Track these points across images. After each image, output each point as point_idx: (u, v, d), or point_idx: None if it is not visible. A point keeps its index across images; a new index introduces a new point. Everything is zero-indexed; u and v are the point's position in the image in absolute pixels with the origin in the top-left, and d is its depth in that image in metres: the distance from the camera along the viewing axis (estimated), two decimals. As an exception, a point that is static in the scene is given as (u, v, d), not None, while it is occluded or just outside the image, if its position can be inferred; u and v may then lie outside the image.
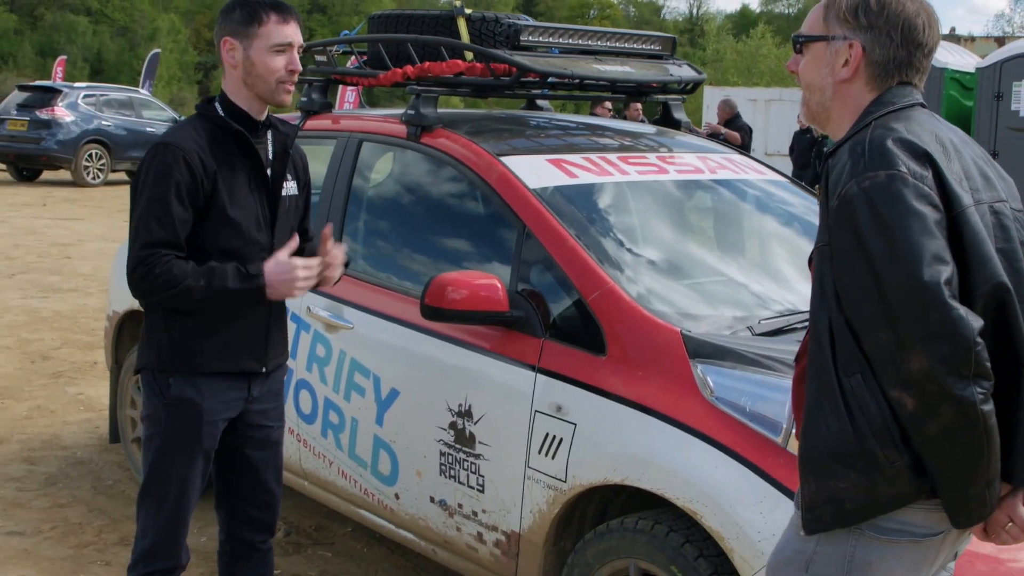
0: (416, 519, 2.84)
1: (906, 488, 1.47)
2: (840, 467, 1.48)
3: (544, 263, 2.62)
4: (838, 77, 1.60)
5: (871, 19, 1.57)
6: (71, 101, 14.94)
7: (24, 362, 5.60)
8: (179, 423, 2.27)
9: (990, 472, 1.46)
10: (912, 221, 1.41)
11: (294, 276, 2.21)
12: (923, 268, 1.39)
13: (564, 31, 3.30)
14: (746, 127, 10.55)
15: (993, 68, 8.47)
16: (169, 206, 2.15)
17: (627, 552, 2.32)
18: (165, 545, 2.31)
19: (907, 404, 1.42)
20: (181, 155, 2.18)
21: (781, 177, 3.43)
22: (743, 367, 2.26)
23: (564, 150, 3.04)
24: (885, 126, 1.51)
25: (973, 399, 1.40)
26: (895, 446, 1.45)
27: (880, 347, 1.43)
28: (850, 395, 1.47)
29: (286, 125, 2.39)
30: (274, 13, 2.22)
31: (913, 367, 1.40)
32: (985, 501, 1.48)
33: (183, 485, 2.29)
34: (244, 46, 2.23)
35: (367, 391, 2.93)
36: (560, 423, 2.44)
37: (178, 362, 2.25)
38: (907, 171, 1.44)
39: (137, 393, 3.87)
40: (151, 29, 41.34)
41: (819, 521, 1.53)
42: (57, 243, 9.89)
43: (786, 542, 1.64)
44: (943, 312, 1.39)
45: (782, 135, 14.28)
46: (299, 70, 2.27)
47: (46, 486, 3.90)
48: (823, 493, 1.50)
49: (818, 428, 1.50)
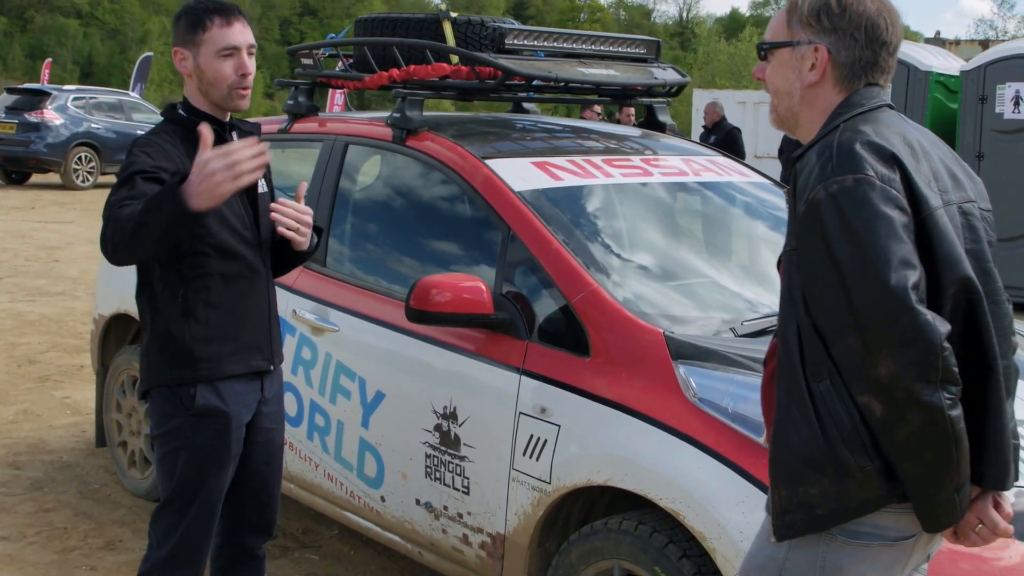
0: (402, 521, 2.84)
1: (877, 493, 1.47)
2: (811, 473, 1.47)
3: (528, 265, 2.63)
4: (805, 81, 1.60)
5: (834, 21, 1.56)
6: (60, 104, 14.89)
7: (11, 366, 5.58)
8: (207, 433, 2.22)
9: (959, 477, 1.46)
10: (879, 226, 1.41)
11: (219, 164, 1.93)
12: (890, 273, 1.39)
13: (549, 34, 3.31)
14: (734, 129, 10.58)
15: (977, 71, 8.52)
16: (143, 188, 2.06)
17: (611, 553, 2.33)
18: (186, 555, 2.27)
19: (875, 410, 1.42)
20: (155, 147, 2.16)
21: (765, 179, 3.45)
22: (725, 368, 2.28)
23: (549, 153, 3.05)
24: (853, 129, 1.51)
25: (941, 405, 1.40)
26: (865, 451, 1.44)
27: (848, 352, 1.43)
28: (819, 401, 1.46)
29: (248, 124, 2.38)
30: (217, 16, 2.17)
31: (881, 373, 1.40)
32: (955, 505, 1.48)
33: (211, 495, 2.25)
34: (193, 54, 2.19)
35: (353, 394, 2.94)
36: (544, 425, 2.44)
37: (198, 370, 2.21)
38: (875, 174, 1.44)
39: (123, 397, 3.86)
40: (142, 32, 41.25)
41: (790, 527, 1.52)
42: (45, 246, 9.85)
43: (758, 548, 1.64)
44: (910, 318, 1.38)
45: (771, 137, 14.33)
46: (250, 73, 2.20)
47: (31, 490, 3.88)
48: (793, 499, 1.50)
49: (788, 434, 1.50)
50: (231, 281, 2.24)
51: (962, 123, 8.63)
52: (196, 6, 2.21)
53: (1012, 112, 8.35)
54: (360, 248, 3.26)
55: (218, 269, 2.22)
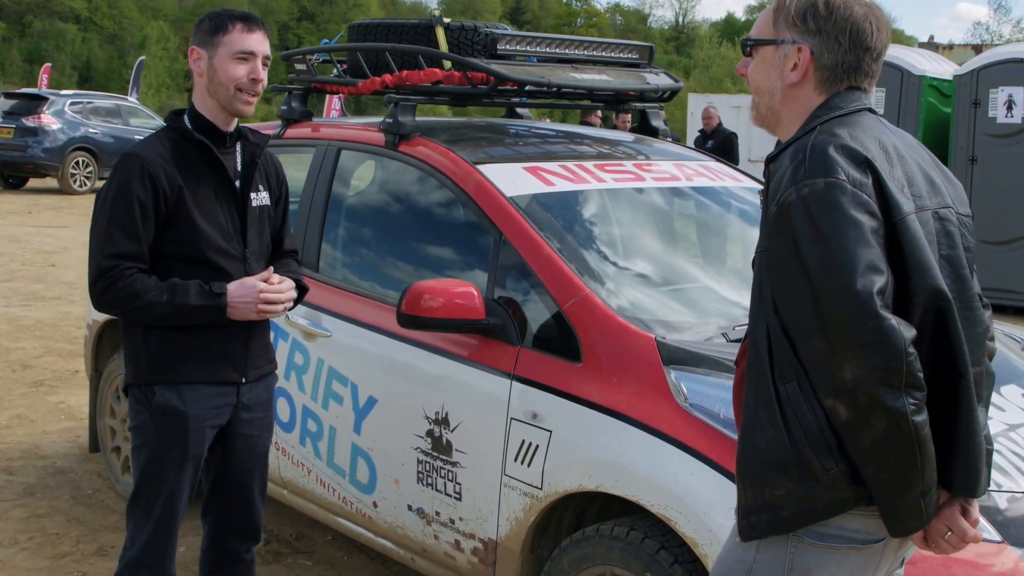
0: (394, 527, 2.84)
1: (843, 495, 1.47)
2: (776, 475, 1.47)
3: (520, 271, 2.62)
4: (787, 81, 1.60)
5: (819, 23, 1.56)
6: (58, 109, 14.90)
7: (5, 371, 5.57)
8: (166, 431, 2.26)
9: (924, 482, 1.45)
10: (848, 230, 1.41)
11: (256, 299, 2.24)
12: (856, 278, 1.39)
13: (541, 40, 3.31)
14: (731, 134, 10.59)
15: (970, 75, 8.54)
16: (133, 218, 2.17)
17: (603, 559, 2.33)
18: (151, 555, 2.30)
19: (840, 413, 1.42)
20: (145, 166, 2.19)
21: (758, 184, 3.45)
22: (717, 373, 2.27)
23: (541, 158, 3.05)
24: (829, 132, 1.51)
25: (904, 410, 1.40)
26: (831, 454, 1.45)
27: (815, 355, 1.43)
28: (786, 403, 1.47)
29: (257, 135, 2.40)
30: (240, 23, 2.26)
31: (846, 376, 1.40)
32: (920, 510, 1.48)
33: (172, 494, 2.28)
34: (209, 54, 2.26)
35: (345, 399, 2.93)
36: (536, 430, 2.44)
37: (159, 372, 2.26)
38: (846, 178, 1.44)
39: (117, 403, 3.85)
40: (140, 37, 41.25)
41: (755, 528, 1.52)
42: (41, 251, 9.84)
43: (728, 551, 1.64)
44: (875, 322, 1.38)
45: (765, 142, 14.35)
46: (262, 80, 2.27)
47: (24, 496, 3.87)
48: (759, 500, 1.50)
49: (754, 435, 1.50)
50: None
51: (955, 127, 8.65)
52: (222, 12, 2.30)
53: (1005, 116, 8.37)
54: (352, 253, 3.26)
55: (193, 277, 2.24)
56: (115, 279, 2.16)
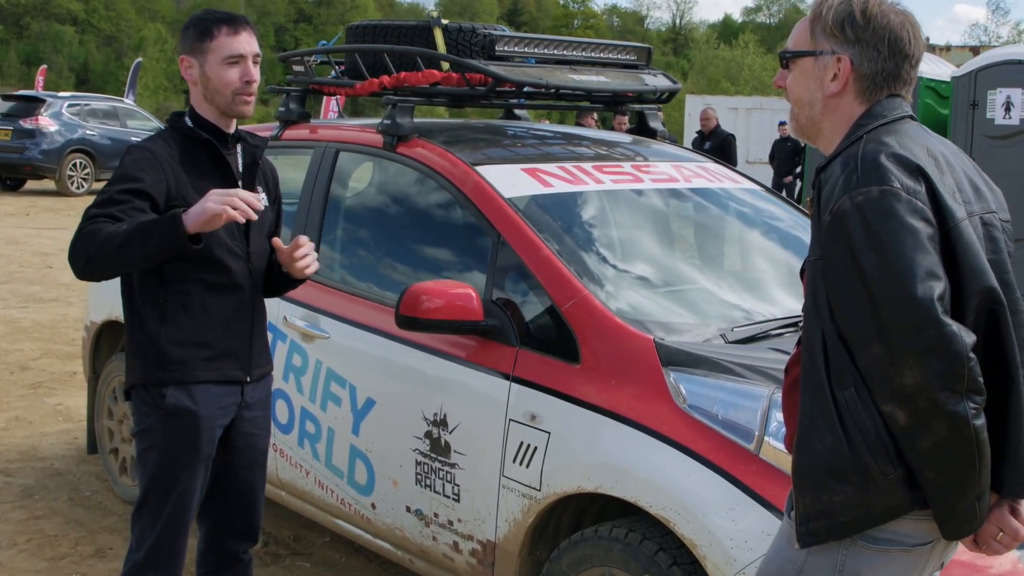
0: (393, 529, 2.84)
1: (900, 500, 1.48)
2: (835, 481, 1.48)
3: (519, 272, 2.63)
4: (827, 91, 1.60)
5: (858, 32, 1.57)
6: (55, 111, 14.88)
7: (3, 373, 5.56)
8: (177, 433, 2.25)
9: (981, 485, 1.47)
10: (905, 237, 1.42)
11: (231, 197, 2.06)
12: (916, 284, 1.40)
13: (539, 41, 3.32)
14: (729, 136, 10.61)
15: (968, 77, 8.55)
16: (130, 195, 2.12)
17: (601, 560, 2.33)
18: (160, 558, 2.28)
19: (900, 419, 1.43)
20: (152, 156, 2.20)
21: (756, 186, 3.46)
22: (716, 375, 2.27)
23: (539, 159, 3.06)
24: (877, 140, 1.52)
25: (966, 414, 1.41)
26: (889, 459, 1.46)
27: (873, 361, 1.44)
28: (844, 409, 1.47)
29: (255, 138, 2.40)
30: (224, 26, 2.24)
31: (906, 382, 1.41)
32: (975, 513, 1.49)
33: (183, 495, 2.27)
34: (200, 62, 2.25)
35: (343, 401, 2.93)
36: (534, 432, 2.44)
37: (169, 372, 2.24)
38: (900, 186, 1.45)
39: (115, 404, 3.85)
40: (137, 39, 41.25)
41: (814, 535, 1.53)
42: (39, 252, 9.84)
43: (776, 551, 1.64)
44: (937, 328, 1.40)
45: (763, 143, 14.36)
46: (255, 80, 2.26)
47: (22, 498, 3.87)
48: (817, 507, 1.51)
49: (812, 442, 1.50)
50: (213, 290, 2.26)
51: (953, 129, 8.65)
52: (205, 16, 2.27)
53: (1003, 118, 8.38)
54: (351, 255, 3.26)
55: (200, 276, 2.24)
56: (82, 229, 2.07)
